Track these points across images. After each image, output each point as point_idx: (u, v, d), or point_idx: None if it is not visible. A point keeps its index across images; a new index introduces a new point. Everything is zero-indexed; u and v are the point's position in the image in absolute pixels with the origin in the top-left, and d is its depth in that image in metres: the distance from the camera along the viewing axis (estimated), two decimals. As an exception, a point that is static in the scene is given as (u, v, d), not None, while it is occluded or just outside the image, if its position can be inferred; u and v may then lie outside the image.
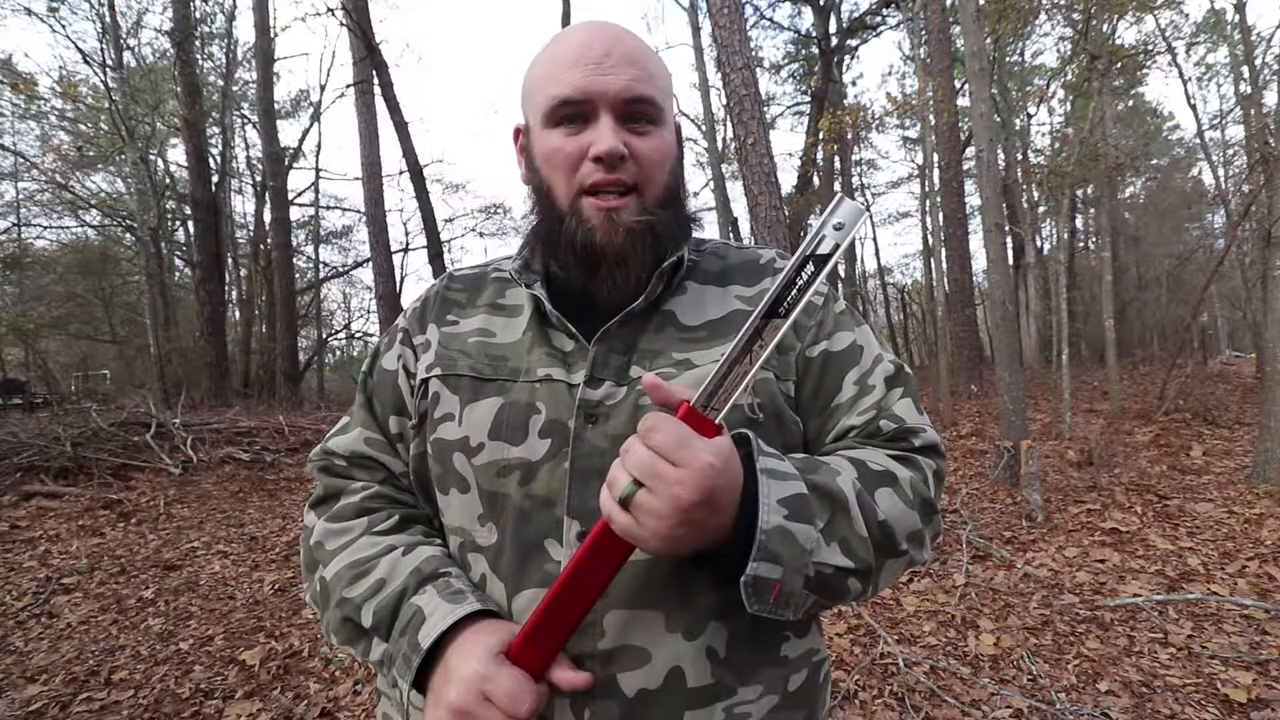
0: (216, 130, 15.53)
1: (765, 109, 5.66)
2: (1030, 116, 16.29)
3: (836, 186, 17.71)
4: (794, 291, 0.53)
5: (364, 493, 0.72)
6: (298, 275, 17.85)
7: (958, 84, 11.70)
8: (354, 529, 0.69)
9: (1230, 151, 18.73)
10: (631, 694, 0.60)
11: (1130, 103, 17.10)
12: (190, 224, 16.64)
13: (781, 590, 0.54)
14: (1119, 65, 8.51)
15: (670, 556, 0.57)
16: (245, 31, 17.72)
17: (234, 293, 18.60)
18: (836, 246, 0.53)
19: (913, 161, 21.23)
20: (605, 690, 0.60)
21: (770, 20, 17.96)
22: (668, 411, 0.54)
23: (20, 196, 17.16)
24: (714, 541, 0.55)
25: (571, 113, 0.66)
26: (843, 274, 20.59)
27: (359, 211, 18.98)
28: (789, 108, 20.62)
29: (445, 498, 0.69)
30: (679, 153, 0.74)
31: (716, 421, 0.54)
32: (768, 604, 0.55)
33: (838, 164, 18.16)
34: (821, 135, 11.75)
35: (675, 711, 0.61)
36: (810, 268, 0.53)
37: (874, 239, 23.01)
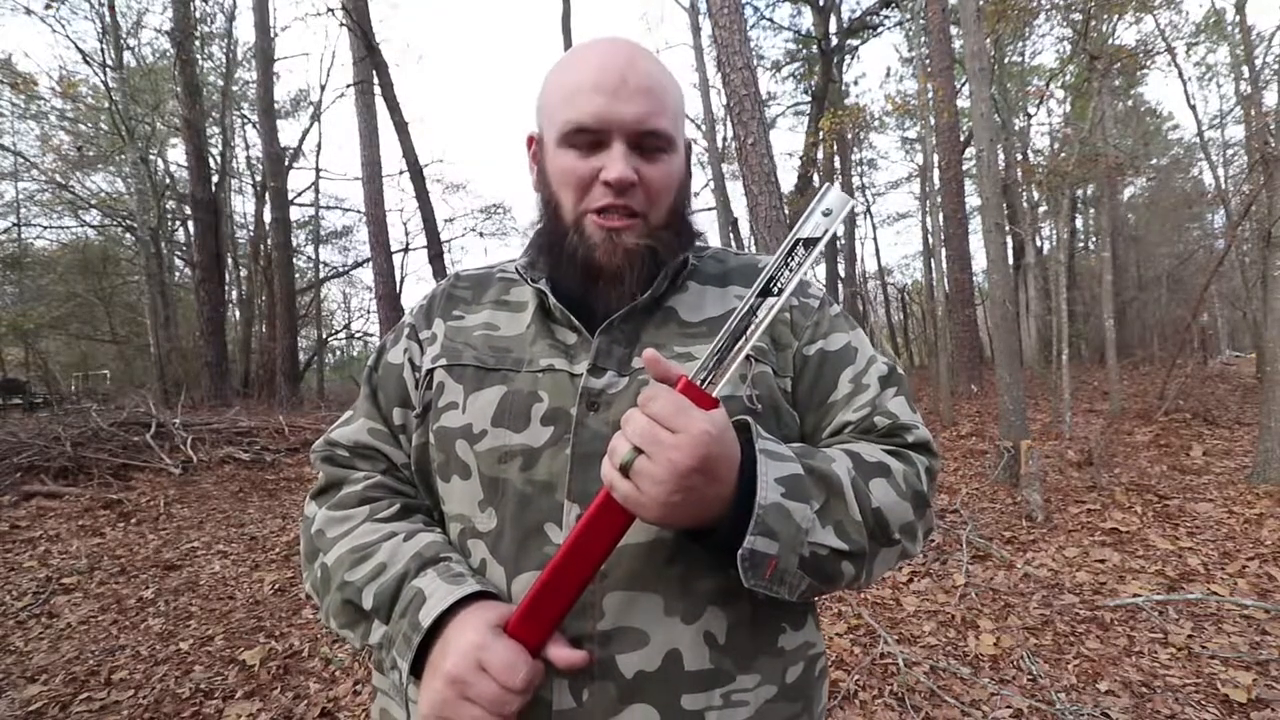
0: (216, 130, 15.54)
1: (765, 109, 5.66)
2: (1030, 116, 16.28)
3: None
4: (786, 271, 0.57)
5: (366, 482, 0.73)
6: (298, 275, 17.87)
7: (958, 84, 11.70)
8: (356, 516, 0.70)
9: (1230, 151, 18.74)
10: (629, 675, 0.61)
11: (1130, 103, 17.09)
12: (190, 224, 16.65)
13: (777, 566, 0.56)
14: (1119, 65, 8.51)
15: (670, 530, 0.59)
16: (245, 31, 17.75)
17: (234, 293, 18.62)
18: (826, 231, 0.57)
19: (913, 161, 21.25)
20: (603, 671, 0.61)
21: (770, 20, 17.96)
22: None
23: (20, 196, 17.19)
24: (712, 514, 0.56)
25: (586, 139, 0.68)
26: (843, 274, 20.60)
27: (359, 211, 19.03)
28: (789, 108, 20.65)
29: (447, 485, 0.71)
30: (687, 171, 0.76)
31: (714, 395, 0.56)
32: (763, 579, 0.56)
33: (838, 164, 18.15)
34: (821, 135, 11.74)
35: (673, 694, 0.61)
36: (801, 250, 0.57)
37: (874, 239, 23.02)
